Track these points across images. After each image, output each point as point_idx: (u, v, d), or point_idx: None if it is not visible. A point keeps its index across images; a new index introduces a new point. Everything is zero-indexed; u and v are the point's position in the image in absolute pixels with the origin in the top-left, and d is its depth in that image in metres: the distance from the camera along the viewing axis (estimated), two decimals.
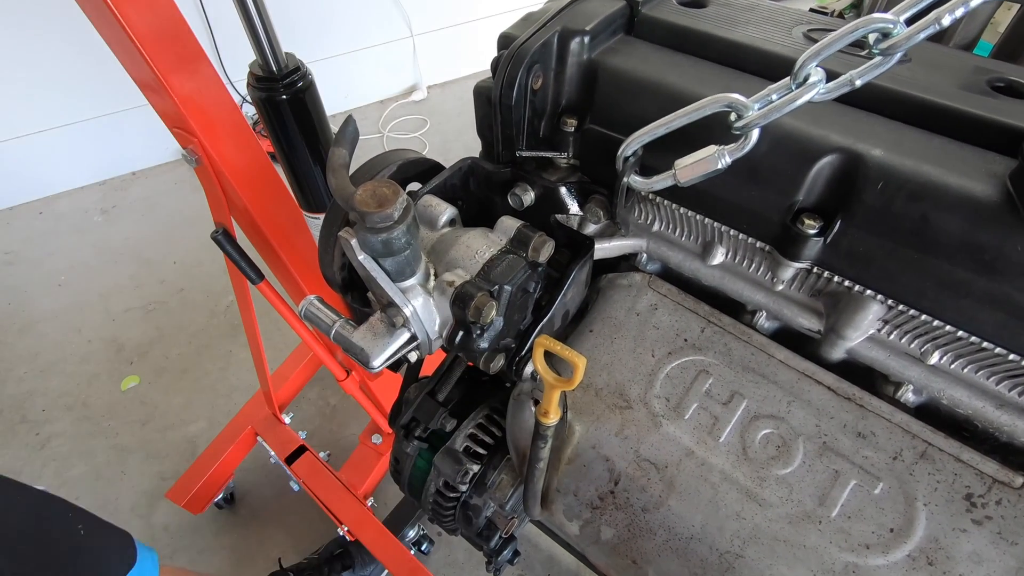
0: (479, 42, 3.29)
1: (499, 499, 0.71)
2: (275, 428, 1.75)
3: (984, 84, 0.53)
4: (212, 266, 2.49)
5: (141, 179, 2.97)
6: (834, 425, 0.54)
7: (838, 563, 0.49)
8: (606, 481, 0.58)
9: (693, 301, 0.64)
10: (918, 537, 0.48)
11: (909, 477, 0.51)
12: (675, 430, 0.56)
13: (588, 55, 0.61)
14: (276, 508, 1.84)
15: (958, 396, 0.53)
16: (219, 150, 1.02)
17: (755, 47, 0.58)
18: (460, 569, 1.70)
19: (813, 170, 0.51)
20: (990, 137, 0.48)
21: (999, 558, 0.46)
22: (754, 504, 0.52)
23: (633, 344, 0.62)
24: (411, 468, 0.77)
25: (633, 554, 0.58)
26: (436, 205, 0.58)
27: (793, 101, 0.46)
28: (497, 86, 0.60)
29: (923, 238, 0.47)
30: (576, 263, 0.58)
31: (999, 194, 0.44)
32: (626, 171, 0.58)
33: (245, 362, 2.19)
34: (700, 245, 0.63)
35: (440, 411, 0.74)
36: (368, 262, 0.48)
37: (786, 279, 0.58)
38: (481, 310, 0.49)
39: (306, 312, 0.53)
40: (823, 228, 0.52)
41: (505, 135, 0.63)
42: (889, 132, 0.50)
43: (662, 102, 0.56)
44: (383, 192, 0.45)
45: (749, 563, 0.51)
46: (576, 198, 0.67)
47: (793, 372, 0.58)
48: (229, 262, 1.21)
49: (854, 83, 0.46)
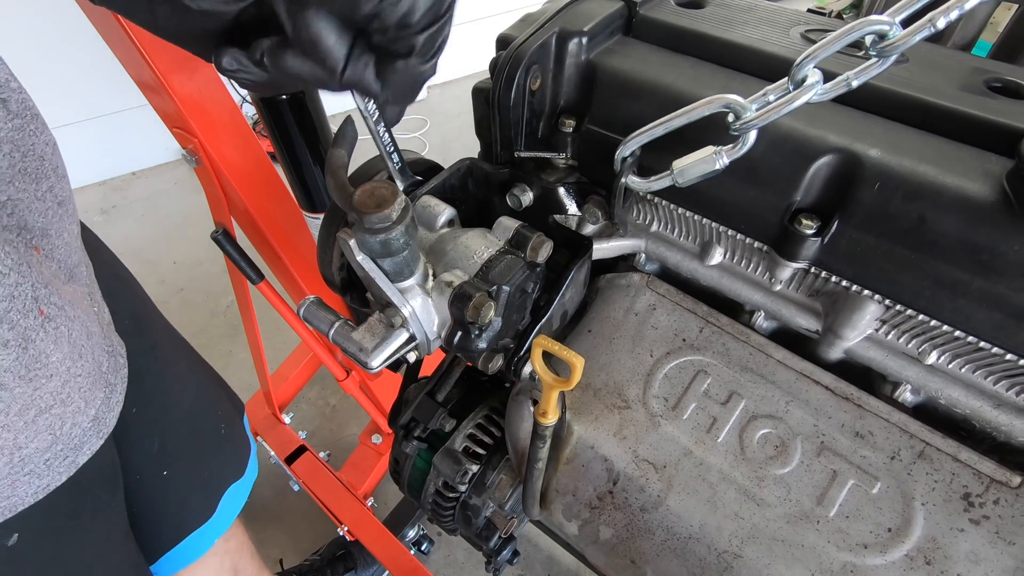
0: (479, 42, 3.29)
1: (498, 499, 0.71)
2: (275, 428, 1.75)
3: (981, 84, 0.53)
4: (212, 266, 2.50)
5: (141, 179, 2.97)
6: (832, 425, 0.54)
7: (836, 563, 0.49)
8: (605, 481, 0.58)
9: (691, 301, 0.64)
10: (916, 537, 0.48)
11: (907, 477, 0.51)
12: (673, 430, 0.56)
13: (586, 56, 0.62)
14: (276, 508, 1.84)
15: (956, 396, 0.53)
16: (219, 150, 1.02)
17: (753, 48, 0.58)
18: (460, 569, 1.70)
19: (810, 170, 0.51)
20: (987, 137, 0.48)
21: (997, 557, 0.46)
22: (752, 504, 0.52)
23: (631, 344, 0.62)
24: (410, 468, 0.77)
25: (632, 554, 0.58)
26: (434, 206, 0.58)
27: (791, 102, 0.46)
28: (495, 87, 0.60)
29: (920, 238, 0.47)
30: (574, 263, 0.59)
31: (996, 194, 0.44)
32: (624, 171, 0.58)
33: (245, 362, 2.19)
34: (698, 245, 0.63)
35: (439, 411, 0.74)
36: (366, 262, 0.48)
37: (784, 279, 0.58)
38: (479, 310, 0.49)
39: (305, 313, 0.53)
40: (821, 228, 0.52)
41: (503, 136, 0.63)
42: (886, 132, 0.50)
43: (660, 103, 0.56)
44: (381, 193, 0.45)
45: (747, 563, 0.51)
46: (574, 198, 0.67)
47: (791, 372, 0.58)
48: (229, 262, 1.22)
49: (851, 84, 0.46)
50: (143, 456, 0.76)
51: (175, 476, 0.81)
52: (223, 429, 0.89)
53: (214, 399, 0.91)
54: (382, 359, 0.50)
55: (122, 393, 0.61)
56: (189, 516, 0.84)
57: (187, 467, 0.83)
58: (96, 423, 0.56)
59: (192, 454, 0.84)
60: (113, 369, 0.59)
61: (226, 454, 0.90)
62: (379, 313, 0.52)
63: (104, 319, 0.61)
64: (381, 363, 0.50)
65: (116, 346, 0.62)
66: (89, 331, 0.55)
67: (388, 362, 0.51)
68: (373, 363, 0.50)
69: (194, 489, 0.84)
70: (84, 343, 0.53)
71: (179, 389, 0.83)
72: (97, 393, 0.56)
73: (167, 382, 0.81)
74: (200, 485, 0.85)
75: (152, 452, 0.77)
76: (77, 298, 0.56)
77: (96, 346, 0.56)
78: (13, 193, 0.50)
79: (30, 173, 0.53)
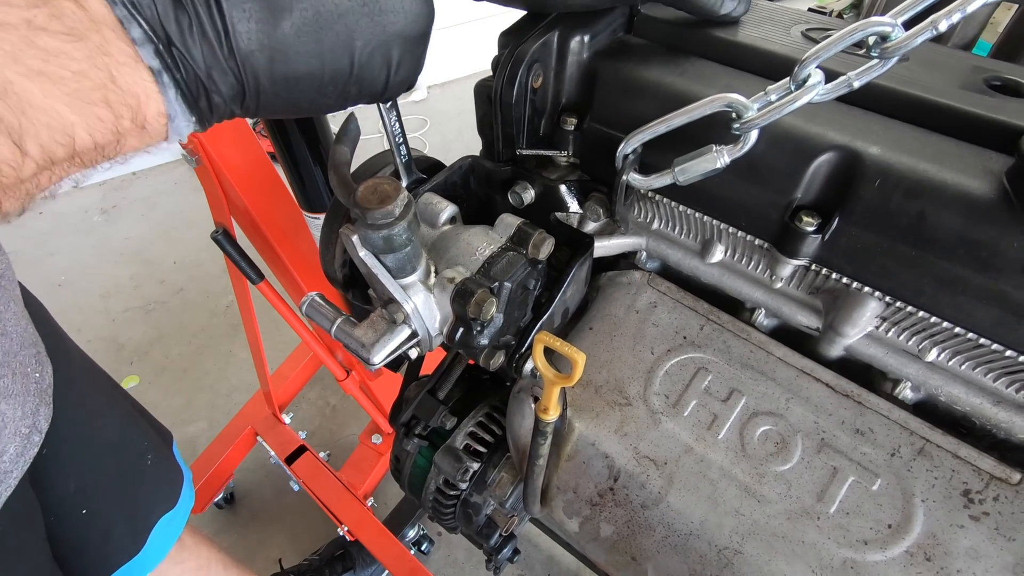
0: (479, 42, 3.30)
1: (499, 497, 0.72)
2: (275, 428, 1.75)
3: (981, 83, 0.53)
4: (212, 266, 2.50)
5: (141, 179, 2.97)
6: (832, 422, 0.54)
7: (836, 559, 0.49)
8: (605, 478, 0.58)
9: (692, 299, 0.64)
10: (916, 533, 0.48)
11: (907, 473, 0.51)
12: (674, 427, 0.57)
13: (588, 54, 0.62)
14: (276, 508, 1.84)
15: (956, 393, 0.54)
16: (219, 150, 1.02)
17: (754, 46, 0.58)
18: (460, 569, 1.70)
19: (811, 168, 0.51)
20: (987, 135, 0.48)
21: (996, 554, 0.46)
22: (753, 500, 0.52)
23: (632, 341, 0.62)
24: (411, 466, 0.77)
25: (632, 551, 0.58)
26: (436, 203, 0.59)
27: (793, 102, 0.46)
28: (497, 84, 0.60)
29: (920, 235, 0.47)
30: (576, 261, 0.59)
31: (996, 191, 0.44)
32: (625, 169, 0.58)
33: (245, 362, 2.19)
34: (699, 243, 0.64)
35: (440, 409, 0.74)
36: (369, 258, 0.49)
37: (785, 276, 0.58)
38: (481, 306, 0.49)
39: (307, 309, 0.53)
40: (821, 225, 0.52)
41: (505, 133, 0.64)
42: (887, 130, 0.51)
43: (661, 101, 0.56)
44: (384, 189, 0.45)
45: (748, 559, 0.51)
46: (576, 196, 0.67)
47: (792, 369, 0.58)
48: (229, 262, 1.22)
49: (852, 85, 0.46)
50: (59, 497, 0.75)
51: (96, 513, 0.79)
52: (149, 459, 0.87)
53: (137, 431, 0.88)
54: (384, 355, 0.50)
55: (16, 479, 0.58)
56: (114, 552, 0.82)
57: (109, 503, 0.81)
58: None
59: (115, 489, 0.82)
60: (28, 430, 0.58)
61: (154, 485, 0.88)
62: (381, 309, 0.52)
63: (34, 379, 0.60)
64: (383, 359, 0.50)
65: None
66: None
67: (390, 358, 0.51)
68: (375, 359, 0.50)
69: (118, 524, 0.82)
70: None
71: (99, 424, 0.81)
72: None
73: (84, 417, 0.79)
74: (125, 519, 0.83)
75: (69, 492, 0.76)
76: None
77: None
78: None
79: None
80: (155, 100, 0.33)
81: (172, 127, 0.35)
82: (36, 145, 0.29)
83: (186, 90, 0.34)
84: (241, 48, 0.34)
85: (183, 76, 0.33)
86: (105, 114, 0.31)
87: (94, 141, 0.31)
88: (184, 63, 0.33)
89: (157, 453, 0.89)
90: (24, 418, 0.57)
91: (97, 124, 0.31)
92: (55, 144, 0.30)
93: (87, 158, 0.32)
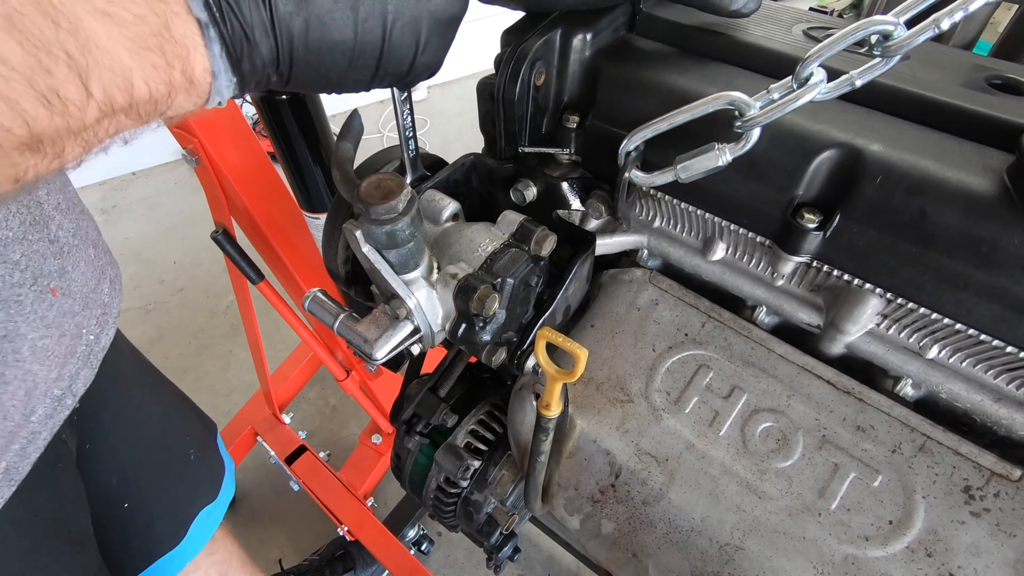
0: (479, 42, 3.30)
1: (500, 495, 0.72)
2: (275, 428, 1.75)
3: (982, 81, 0.53)
4: (212, 266, 2.50)
5: (141, 179, 2.97)
6: (833, 419, 0.54)
7: (837, 555, 0.49)
8: (607, 475, 0.58)
9: (694, 296, 0.64)
10: (917, 529, 0.48)
11: (908, 470, 0.51)
12: (675, 424, 0.57)
13: (590, 52, 0.62)
14: (276, 508, 1.84)
15: (956, 390, 0.54)
16: (219, 150, 1.02)
17: (756, 45, 0.58)
18: (460, 569, 1.70)
19: (813, 165, 0.51)
20: (988, 133, 0.49)
21: (997, 550, 0.46)
22: (754, 497, 0.52)
23: (634, 339, 0.62)
24: (412, 464, 0.77)
25: (634, 547, 0.58)
26: (439, 200, 0.59)
27: (795, 100, 0.46)
28: (500, 82, 0.60)
29: (921, 232, 0.48)
30: (578, 258, 0.59)
31: (997, 188, 0.45)
32: (627, 166, 0.58)
33: (245, 362, 2.19)
34: (701, 241, 0.64)
35: (441, 407, 0.74)
36: (372, 254, 0.49)
37: (786, 274, 0.58)
38: (484, 302, 0.49)
39: (310, 304, 0.53)
40: (823, 222, 0.52)
41: (508, 131, 0.64)
42: (888, 128, 0.51)
43: (663, 99, 0.57)
44: (388, 184, 0.45)
45: (749, 555, 0.51)
46: (578, 194, 0.67)
47: (793, 366, 0.58)
48: (229, 262, 1.22)
49: (854, 83, 0.46)
50: (102, 491, 0.75)
51: (137, 507, 0.79)
52: (192, 454, 0.88)
53: (182, 424, 0.89)
54: (387, 350, 0.50)
55: (45, 440, 0.59)
56: (155, 545, 0.83)
57: (151, 497, 0.82)
58: (7, 474, 0.55)
59: (157, 483, 0.83)
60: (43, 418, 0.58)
61: (196, 479, 0.89)
62: (384, 305, 0.52)
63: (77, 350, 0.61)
64: (385, 355, 0.51)
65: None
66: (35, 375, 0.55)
67: (392, 354, 0.51)
68: (377, 354, 0.50)
69: (160, 518, 0.83)
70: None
71: (142, 418, 0.81)
72: (12, 446, 0.55)
73: (128, 412, 0.79)
74: (167, 513, 0.84)
75: (112, 486, 0.76)
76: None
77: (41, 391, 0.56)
78: (27, 248, 0.51)
79: (37, 222, 0.53)
80: (201, 54, 0.33)
81: (214, 86, 0.35)
82: (100, 87, 0.29)
83: (231, 46, 0.34)
84: (280, 10, 0.34)
85: (228, 32, 0.33)
86: (159, 62, 0.31)
87: (149, 91, 0.31)
88: (231, 18, 0.33)
89: (201, 446, 0.90)
90: (59, 380, 0.57)
91: (152, 73, 0.31)
92: (116, 89, 0.29)
93: (143, 110, 0.32)
